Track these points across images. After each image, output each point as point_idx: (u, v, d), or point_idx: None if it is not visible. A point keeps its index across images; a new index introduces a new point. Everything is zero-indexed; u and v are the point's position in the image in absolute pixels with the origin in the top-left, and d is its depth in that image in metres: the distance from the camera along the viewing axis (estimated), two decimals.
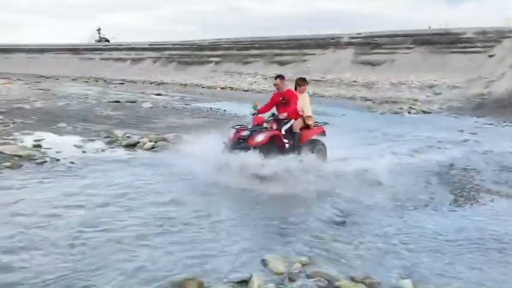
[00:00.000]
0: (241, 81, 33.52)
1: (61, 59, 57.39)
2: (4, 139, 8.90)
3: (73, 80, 40.58)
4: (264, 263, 3.85)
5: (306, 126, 7.42)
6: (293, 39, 37.55)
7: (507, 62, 23.36)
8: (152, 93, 25.04)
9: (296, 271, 3.72)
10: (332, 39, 34.49)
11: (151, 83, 38.23)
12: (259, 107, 7.36)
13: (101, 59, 55.48)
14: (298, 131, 7.25)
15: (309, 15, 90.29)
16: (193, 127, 12.26)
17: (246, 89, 30.34)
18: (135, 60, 51.83)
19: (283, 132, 7.09)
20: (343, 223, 5.17)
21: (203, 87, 32.95)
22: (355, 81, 27.45)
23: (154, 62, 49.71)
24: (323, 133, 7.81)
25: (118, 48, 57.37)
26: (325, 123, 8.05)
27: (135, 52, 53.49)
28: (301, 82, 7.79)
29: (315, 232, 4.82)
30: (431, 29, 29.58)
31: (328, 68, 31.27)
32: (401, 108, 18.23)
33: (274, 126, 6.96)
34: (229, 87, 31.84)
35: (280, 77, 7.52)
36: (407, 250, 4.47)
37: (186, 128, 11.84)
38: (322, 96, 25.41)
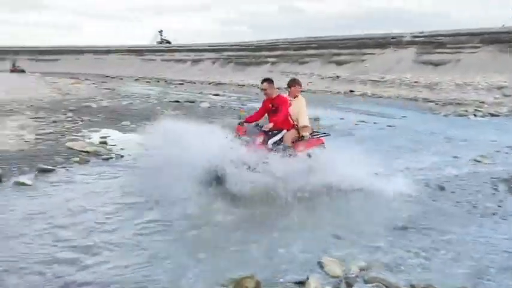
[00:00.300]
0: None
1: (125, 60, 60.21)
2: (73, 135, 9.50)
3: (136, 80, 42.43)
4: (321, 265, 3.82)
5: (301, 138, 6.24)
6: (351, 39, 36.85)
7: None
8: (210, 94, 25.59)
9: (353, 275, 3.66)
10: (393, 38, 33.43)
11: (209, 84, 39.11)
12: (246, 115, 6.41)
13: (162, 60, 57.56)
14: (290, 144, 6.10)
15: (366, 14, 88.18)
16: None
17: (302, 90, 30.11)
18: (194, 61, 53.27)
19: (270, 145, 5.93)
20: (404, 228, 5.00)
21: (259, 88, 33.11)
22: (416, 81, 26.39)
23: (213, 62, 50.81)
24: (322, 145, 6.50)
25: (179, 49, 59.27)
26: (326, 134, 6.91)
27: (195, 53, 54.97)
28: (292, 84, 6.56)
29: (374, 236, 4.71)
30: (502, 27, 27.78)
31: (388, 68, 30.32)
32: (466, 111, 17.28)
33: (260, 139, 5.92)
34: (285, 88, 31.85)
35: (267, 80, 6.30)
36: (471, 259, 4.24)
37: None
38: (381, 97, 24.70)
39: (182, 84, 38.29)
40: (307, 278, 3.50)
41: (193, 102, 19.62)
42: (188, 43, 62.16)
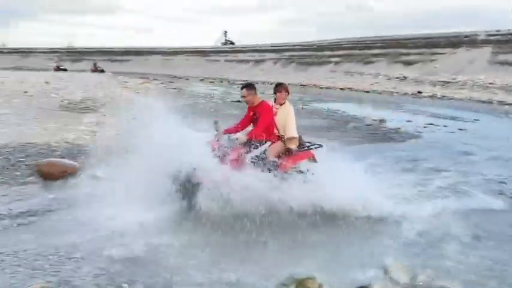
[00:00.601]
0: (362, 82, 32.57)
1: (191, 61, 62.17)
2: None
3: (201, 80, 43.64)
4: (385, 270, 3.70)
5: (288, 151, 5.36)
6: (421, 38, 35.33)
7: None
8: (272, 94, 25.69)
9: (421, 284, 3.50)
10: (466, 37, 31.57)
11: (271, 84, 39.29)
12: (219, 125, 5.31)
13: (226, 60, 58.74)
14: (275, 158, 5.19)
15: (436, 13, 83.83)
16: (311, 128, 12.30)
17: (366, 90, 29.36)
18: (257, 62, 53.82)
19: (248, 160, 5.01)
20: (476, 238, 4.70)
21: (322, 88, 32.77)
22: (491, 83, 24.71)
23: (275, 63, 51.03)
24: (312, 159, 5.61)
25: (242, 50, 60.18)
26: (319, 146, 5.79)
27: (258, 54, 55.52)
28: (277, 89, 5.64)
29: (443, 244, 4.48)
30: None
31: (460, 68, 28.67)
32: None
33: (235, 154, 4.96)
34: (349, 88, 31.16)
35: (247, 86, 5.49)
36: None
37: (304, 129, 11.91)
38: (452, 99, 23.42)
39: None
40: (370, 283, 3.40)
41: None
42: (251, 44, 62.99)
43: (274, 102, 5.64)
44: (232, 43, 73.67)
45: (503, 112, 18.08)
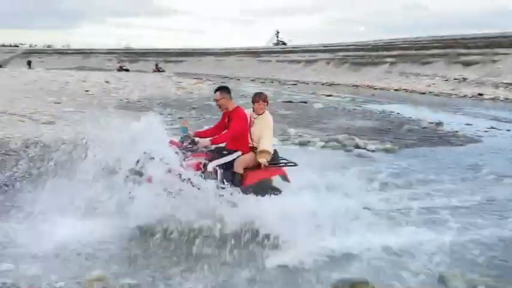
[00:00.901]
0: (417, 83, 31.42)
1: (243, 61, 62.81)
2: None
3: (252, 80, 43.97)
4: (442, 279, 3.57)
5: (258, 165, 4.95)
6: (482, 37, 33.58)
7: None
8: (323, 94, 25.42)
9: None
10: None
11: (322, 84, 38.91)
12: (188, 128, 5.11)
13: (277, 61, 58.80)
14: (241, 170, 4.84)
15: (497, 11, 79.04)
16: (364, 129, 12.07)
17: (422, 92, 28.29)
18: (308, 62, 53.45)
19: (210, 168, 4.71)
20: None
21: (375, 89, 31.97)
22: None
23: (328, 63, 50.44)
24: (284, 177, 5.13)
25: (293, 50, 60.01)
26: (293, 164, 5.22)
27: (309, 54, 55.14)
28: (256, 98, 5.22)
29: (498, 251, 4.28)
30: None
31: None
32: None
33: (195, 160, 4.69)
34: (404, 89, 30.17)
35: (221, 89, 5.17)
36: None
37: (357, 130, 11.71)
38: None
39: (295, 84, 38.65)
40: None
41: (305, 102, 19.69)
42: (303, 44, 62.65)
43: (253, 112, 5.26)
44: (284, 43, 73.67)
45: None
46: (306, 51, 56.69)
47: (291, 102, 19.90)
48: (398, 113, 16.22)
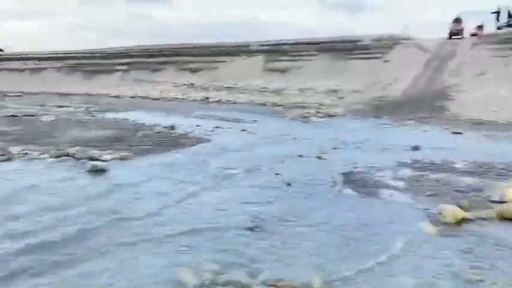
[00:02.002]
0: (151, 89, 32.66)
1: None
2: None
3: None
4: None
5: None
6: (204, 47, 37.52)
7: (400, 66, 25.56)
8: (55, 105, 23.40)
9: None
10: (242, 46, 35.02)
11: (53, 94, 35.72)
12: None
13: None
14: None
15: (216, 24, 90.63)
16: (99, 139, 11.68)
17: (156, 98, 29.62)
18: (35, 71, 48.07)
19: None
20: (251, 229, 5.22)
21: (111, 97, 31.57)
22: (265, 87, 28.10)
23: (57, 71, 46.55)
24: None
25: (13, 58, 52.78)
26: None
27: (34, 62, 49.63)
28: None
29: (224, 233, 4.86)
30: (332, 37, 31.30)
31: (240, 75, 31.66)
32: (309, 113, 19.03)
33: None
34: (139, 96, 30.90)
35: None
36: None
37: (92, 141, 11.25)
38: (235, 103, 25.67)
39: (20, 96, 34.27)
40: None
41: (34, 115, 17.70)
42: (26, 51, 55.87)
43: None
44: (0, 50, 63.99)
45: (276, 112, 20.70)
46: (30, 58, 50.78)
47: (14, 116, 17.50)
48: (133, 120, 16.42)
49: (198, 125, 15.04)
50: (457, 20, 29.77)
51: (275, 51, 32.75)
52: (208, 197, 6.64)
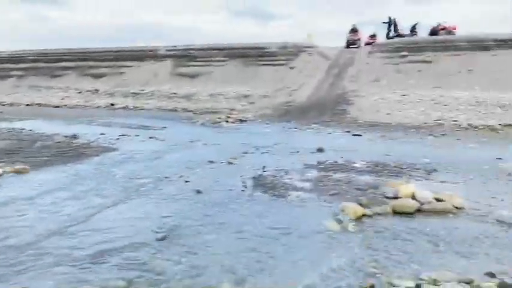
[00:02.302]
0: (51, 96, 30.41)
1: None
2: None
3: None
4: None
5: None
6: (109, 51, 35.85)
7: (305, 73, 26.80)
8: None
9: None
10: (150, 51, 34.10)
11: None
12: None
13: None
14: None
15: (123, 27, 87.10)
16: None
17: (56, 105, 27.65)
18: None
19: None
20: (163, 239, 5.09)
21: (4, 105, 28.83)
22: (175, 93, 27.66)
23: None
24: None
25: None
26: None
27: None
28: None
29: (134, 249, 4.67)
30: (242, 43, 31.83)
31: (147, 80, 30.80)
32: (219, 118, 19.11)
33: None
34: (37, 104, 28.61)
35: None
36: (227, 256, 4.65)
37: None
38: (142, 109, 24.92)
39: None
40: None
41: None
42: None
43: None
44: None
45: (186, 118, 20.47)
46: None
47: None
48: (30, 130, 15.12)
49: (102, 133, 14.31)
50: (354, 30, 30.93)
51: (184, 56, 32.42)
52: (114, 210, 6.34)
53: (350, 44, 30.48)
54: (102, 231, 5.42)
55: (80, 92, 31.18)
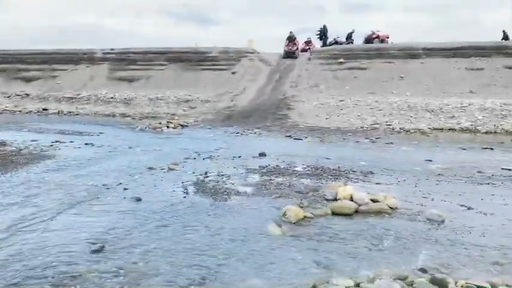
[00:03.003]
0: None
1: None
2: None
3: None
4: None
5: None
6: (41, 53, 33.95)
7: (246, 78, 27.00)
8: None
9: None
10: (84, 54, 32.72)
11: None
12: None
13: None
14: None
15: (60, 28, 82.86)
16: None
17: None
18: None
19: None
20: (98, 250, 4.86)
21: None
22: (112, 97, 26.72)
23: None
24: None
25: None
26: None
27: None
28: None
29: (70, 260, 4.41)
30: (182, 47, 31.44)
31: (83, 84, 29.50)
32: (160, 123, 18.70)
33: None
34: None
35: None
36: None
37: None
38: (78, 115, 23.83)
39: None
40: None
41: None
42: None
43: None
44: None
45: (124, 123, 19.85)
46: None
47: None
48: None
49: (34, 140, 13.49)
50: (291, 39, 29.73)
51: (122, 59, 31.48)
52: (46, 222, 5.97)
53: (288, 55, 29.72)
54: (33, 244, 5.07)
55: (8, 97, 29.24)
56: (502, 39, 28.12)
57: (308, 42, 31.74)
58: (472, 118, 18.58)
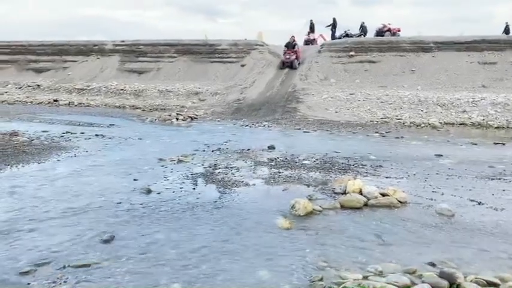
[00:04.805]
0: None
1: None
2: None
3: None
4: None
5: None
6: (52, 45, 34.15)
7: (255, 70, 26.90)
8: None
9: None
10: (95, 45, 32.83)
11: None
12: None
13: None
14: None
15: (67, 21, 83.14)
16: None
17: None
18: None
19: None
20: (107, 241, 4.91)
21: None
22: (122, 89, 26.80)
23: None
24: None
25: None
26: None
27: None
28: None
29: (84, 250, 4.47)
30: (192, 40, 31.38)
31: (93, 76, 29.64)
32: (170, 115, 18.75)
33: None
34: None
35: None
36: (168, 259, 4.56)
37: None
38: (88, 106, 23.98)
39: None
40: None
41: None
42: None
43: None
44: None
45: (135, 115, 19.94)
46: None
47: None
48: None
49: (45, 131, 13.63)
50: (290, 45, 27.22)
51: (132, 51, 31.53)
52: (57, 211, 6.04)
53: (285, 65, 26.84)
54: (44, 234, 5.15)
55: (20, 87, 29.50)
56: (503, 32, 27.64)
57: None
58: (484, 113, 18.35)
